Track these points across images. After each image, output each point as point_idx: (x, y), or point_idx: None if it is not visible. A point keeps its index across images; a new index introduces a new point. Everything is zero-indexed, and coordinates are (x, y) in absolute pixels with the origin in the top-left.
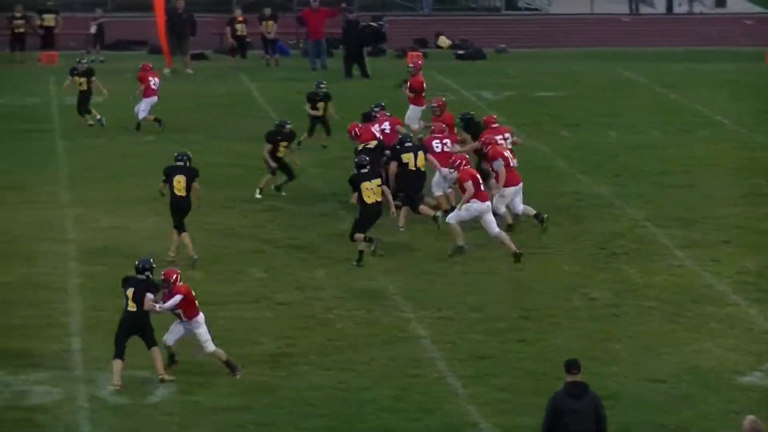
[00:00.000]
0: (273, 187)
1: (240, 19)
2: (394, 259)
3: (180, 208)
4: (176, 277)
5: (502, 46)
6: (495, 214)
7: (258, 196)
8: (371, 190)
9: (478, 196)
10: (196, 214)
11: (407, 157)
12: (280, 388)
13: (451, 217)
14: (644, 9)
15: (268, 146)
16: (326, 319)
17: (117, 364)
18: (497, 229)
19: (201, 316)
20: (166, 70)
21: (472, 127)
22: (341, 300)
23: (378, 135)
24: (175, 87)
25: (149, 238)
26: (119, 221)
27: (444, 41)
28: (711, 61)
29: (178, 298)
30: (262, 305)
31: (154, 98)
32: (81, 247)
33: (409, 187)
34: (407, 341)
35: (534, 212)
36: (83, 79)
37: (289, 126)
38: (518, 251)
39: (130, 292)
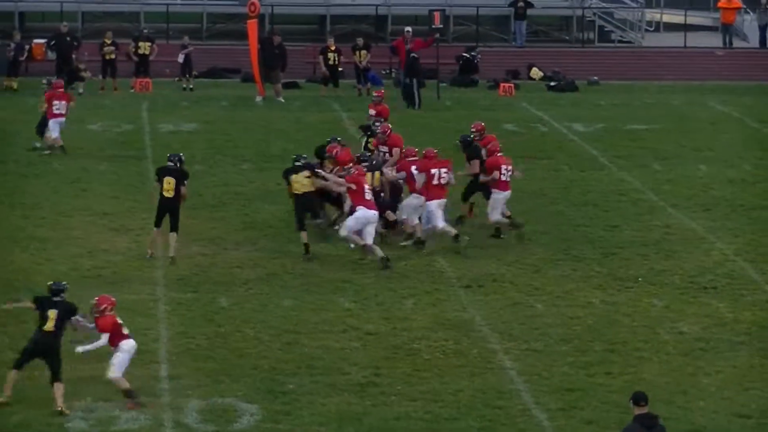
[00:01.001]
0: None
1: (332, 48)
2: (481, 291)
3: (165, 209)
4: (106, 307)
5: (594, 78)
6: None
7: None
8: (299, 183)
9: (365, 203)
10: (290, 244)
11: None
12: (367, 417)
13: (343, 230)
14: (738, 43)
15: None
16: (413, 349)
17: (13, 374)
18: (371, 241)
19: (127, 344)
20: (259, 98)
21: (470, 149)
22: (429, 330)
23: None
24: (268, 115)
25: (240, 266)
26: (209, 249)
27: (536, 73)
28: None
29: (104, 338)
30: (350, 335)
31: (61, 120)
32: (171, 274)
33: None
34: (494, 372)
35: (455, 233)
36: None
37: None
38: (385, 256)
39: (53, 313)
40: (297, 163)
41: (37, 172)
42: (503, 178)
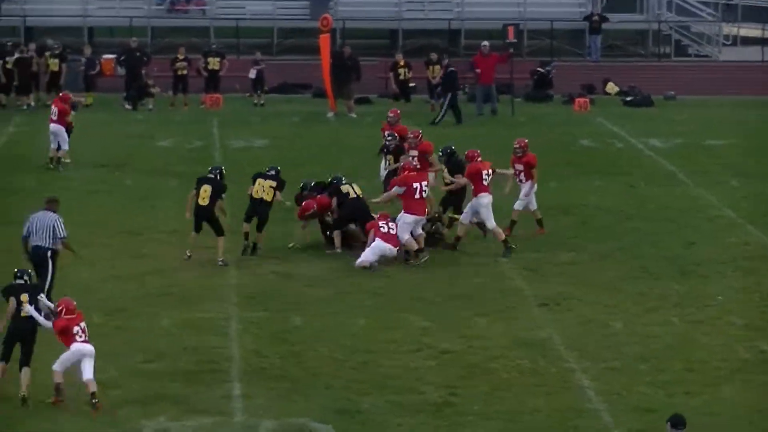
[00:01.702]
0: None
1: (402, 63)
2: (558, 309)
3: (200, 215)
4: (62, 309)
5: (671, 92)
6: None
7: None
8: (262, 187)
9: (384, 237)
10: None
11: (346, 188)
12: None
13: (359, 260)
14: None
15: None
16: (489, 368)
17: (1, 366)
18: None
19: (76, 346)
20: (330, 114)
21: (452, 161)
22: (505, 349)
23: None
24: (339, 131)
25: (312, 285)
26: (282, 267)
27: (612, 87)
28: None
29: (49, 324)
30: (425, 353)
31: (54, 128)
32: (242, 292)
33: (357, 211)
34: (571, 392)
35: (415, 248)
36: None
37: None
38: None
39: (25, 297)
40: (269, 172)
41: (105, 189)
42: (484, 182)
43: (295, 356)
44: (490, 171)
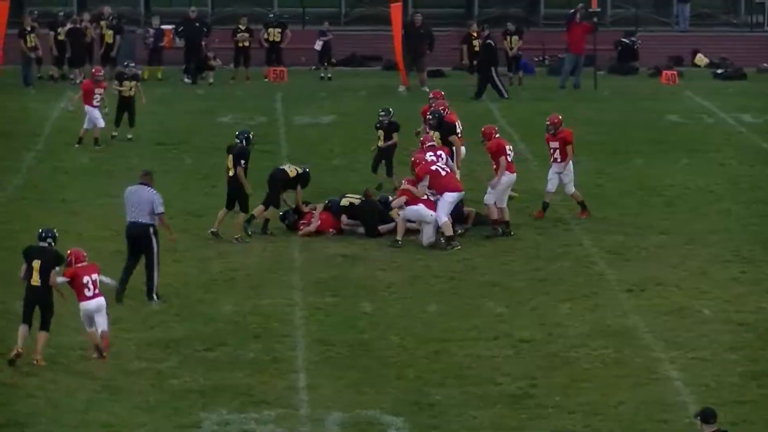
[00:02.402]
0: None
1: (475, 34)
2: (644, 295)
3: (229, 186)
4: (71, 260)
5: (765, 65)
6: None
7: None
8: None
9: (424, 202)
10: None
11: (346, 201)
12: (522, 431)
13: (403, 213)
14: None
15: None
16: (571, 357)
17: (23, 328)
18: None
19: (82, 308)
20: (402, 88)
21: (444, 126)
22: (587, 338)
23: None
24: (411, 106)
25: (383, 269)
26: (350, 249)
27: (701, 59)
28: None
29: (62, 279)
30: (502, 342)
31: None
32: (308, 276)
33: (376, 211)
34: (658, 383)
35: (450, 234)
36: (132, 83)
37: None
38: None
39: (36, 264)
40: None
41: (163, 168)
42: (509, 159)
43: (364, 345)
44: (510, 148)
